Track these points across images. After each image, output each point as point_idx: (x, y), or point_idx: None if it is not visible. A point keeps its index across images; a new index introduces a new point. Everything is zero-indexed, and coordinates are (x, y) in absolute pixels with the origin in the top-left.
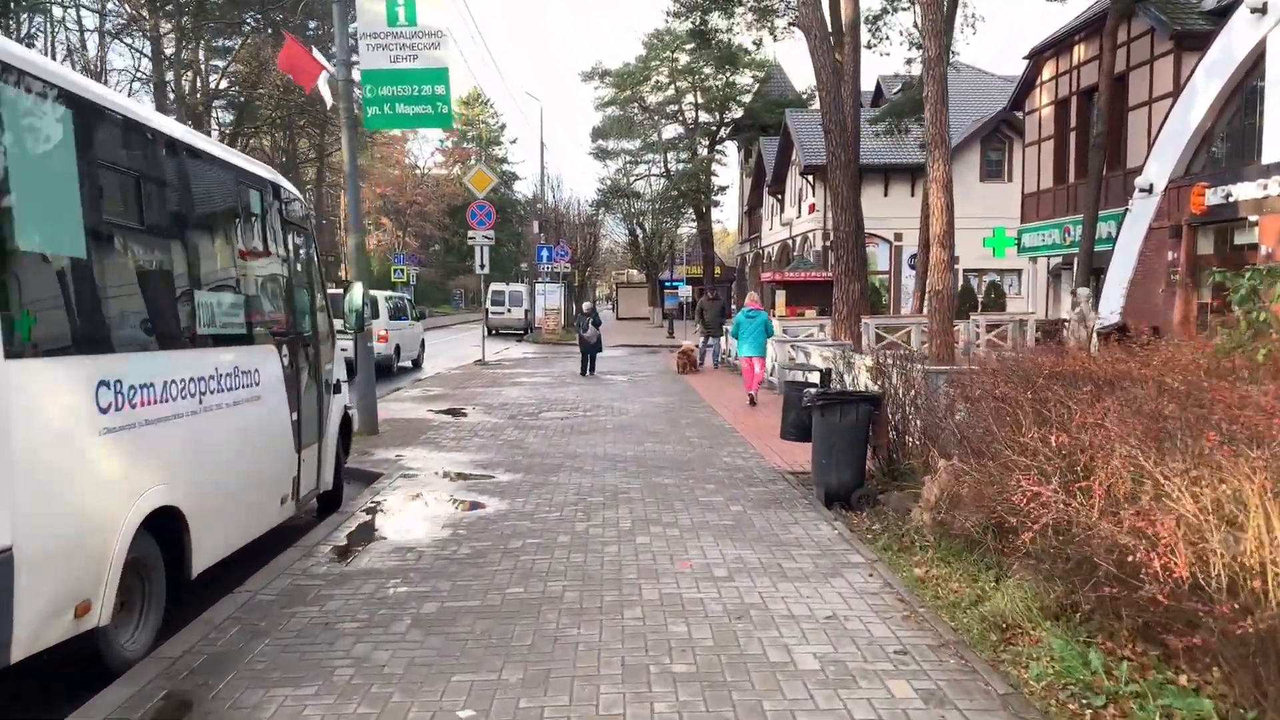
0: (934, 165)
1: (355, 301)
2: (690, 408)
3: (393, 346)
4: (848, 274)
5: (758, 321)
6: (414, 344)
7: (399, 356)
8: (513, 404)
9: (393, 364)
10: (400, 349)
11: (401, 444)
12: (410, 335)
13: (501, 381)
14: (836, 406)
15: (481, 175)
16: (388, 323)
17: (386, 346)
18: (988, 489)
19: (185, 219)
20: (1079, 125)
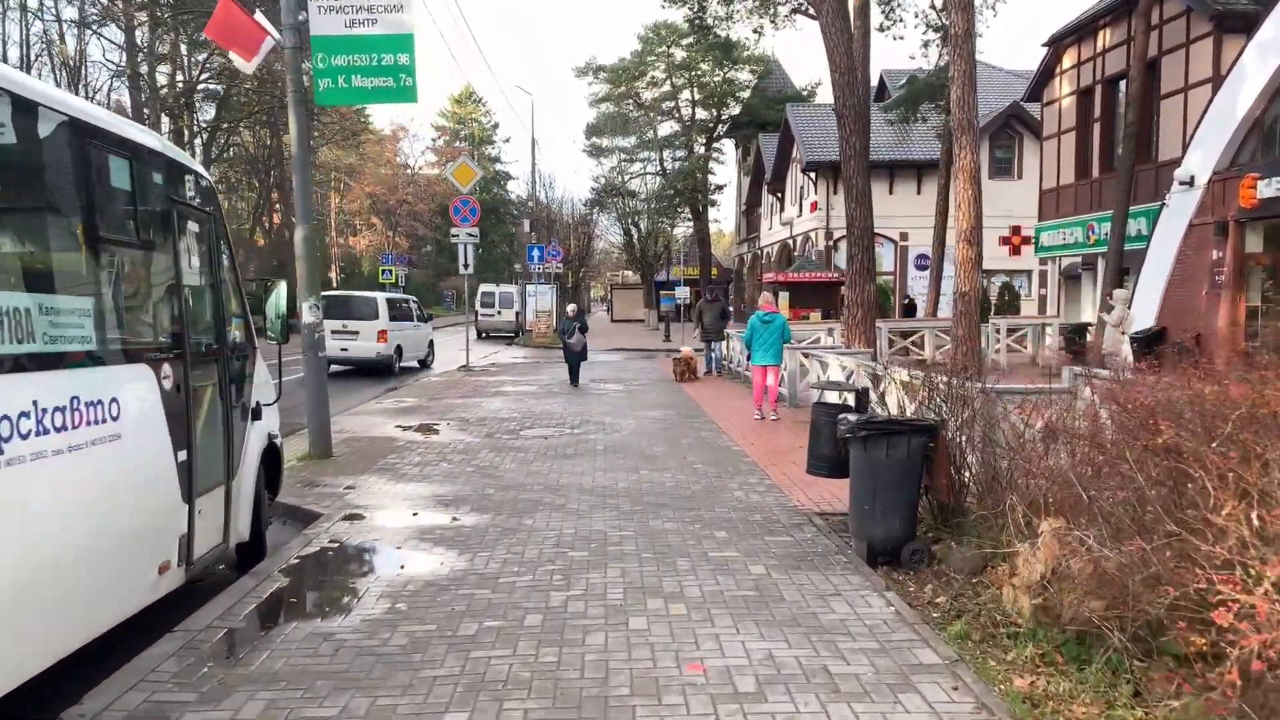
0: (960, 153)
1: (279, 304)
2: (691, 424)
3: (393, 347)
4: (862, 273)
5: (775, 326)
6: (420, 345)
7: (400, 357)
8: (492, 418)
9: (393, 364)
10: (402, 349)
11: (356, 471)
12: (415, 336)
13: (484, 391)
14: (884, 438)
15: (465, 168)
16: (388, 323)
17: (386, 347)
18: (1135, 575)
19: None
20: (1103, 116)
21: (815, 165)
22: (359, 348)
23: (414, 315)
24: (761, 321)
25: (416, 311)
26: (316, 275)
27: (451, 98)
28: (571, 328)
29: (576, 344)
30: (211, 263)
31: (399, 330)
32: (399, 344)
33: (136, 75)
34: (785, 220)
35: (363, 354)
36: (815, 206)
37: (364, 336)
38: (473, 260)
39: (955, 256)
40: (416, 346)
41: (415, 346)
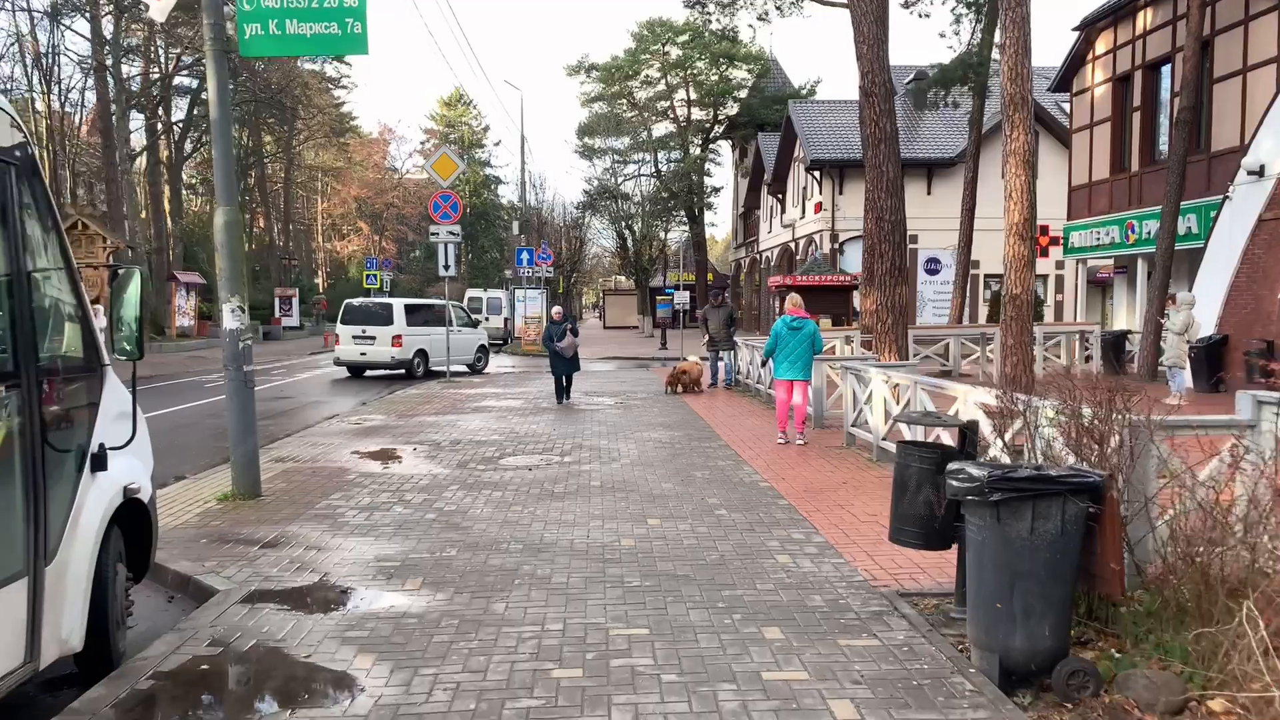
0: (1013, 134)
1: (129, 304)
2: (703, 449)
3: (411, 352)
4: (892, 274)
5: (805, 334)
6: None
7: (425, 361)
8: (468, 442)
9: (414, 369)
10: (427, 354)
11: (285, 518)
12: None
13: (463, 405)
14: (1026, 503)
15: (446, 160)
16: (403, 328)
17: (402, 351)
18: None
19: None
20: (1144, 104)
21: (820, 164)
22: (375, 352)
23: (450, 320)
24: (789, 328)
25: (458, 316)
26: (241, 270)
27: (440, 100)
28: (560, 331)
29: (568, 348)
30: (16, 241)
31: (422, 335)
32: (421, 349)
33: (103, 68)
34: (786, 222)
35: (378, 359)
36: (820, 207)
37: (380, 342)
38: (454, 261)
39: (1004, 255)
40: (458, 350)
41: (456, 350)
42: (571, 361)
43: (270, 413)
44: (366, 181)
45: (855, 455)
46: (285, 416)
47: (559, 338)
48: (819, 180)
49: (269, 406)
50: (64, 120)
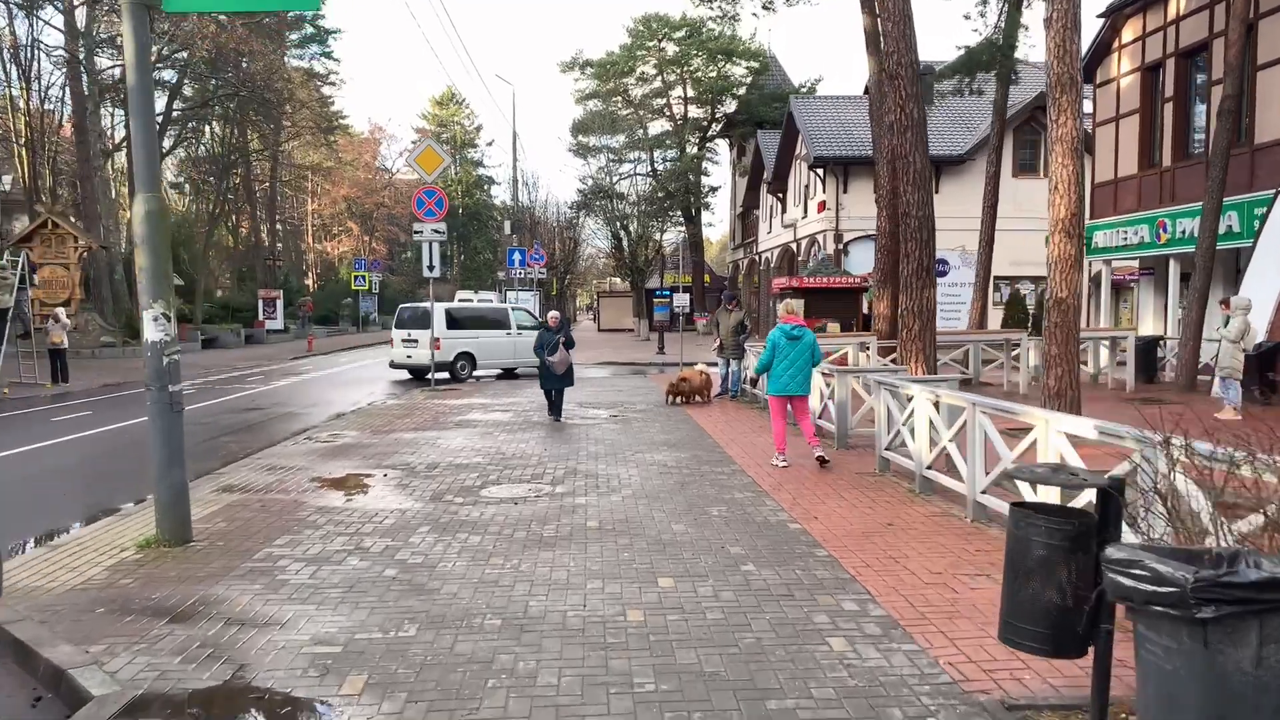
0: (1059, 119)
1: None
2: (715, 476)
3: (451, 355)
4: (919, 275)
5: (806, 343)
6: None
7: (473, 365)
8: (446, 465)
9: (458, 372)
10: (474, 357)
11: (213, 575)
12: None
13: (444, 420)
14: (1252, 620)
15: (431, 154)
16: (443, 331)
17: (442, 354)
18: None
19: None
20: (1178, 94)
21: (823, 161)
22: (419, 355)
23: (510, 324)
24: (788, 337)
25: (522, 319)
26: (166, 269)
27: (432, 99)
28: (553, 342)
29: (560, 363)
30: None
31: (466, 339)
32: (465, 351)
33: (76, 61)
34: (788, 222)
35: (421, 361)
36: (823, 206)
37: (422, 345)
38: (439, 262)
39: (1048, 254)
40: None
41: (518, 353)
42: (564, 376)
43: (235, 426)
44: (356, 181)
45: (893, 485)
46: (251, 431)
47: (551, 349)
48: (822, 178)
49: (236, 419)
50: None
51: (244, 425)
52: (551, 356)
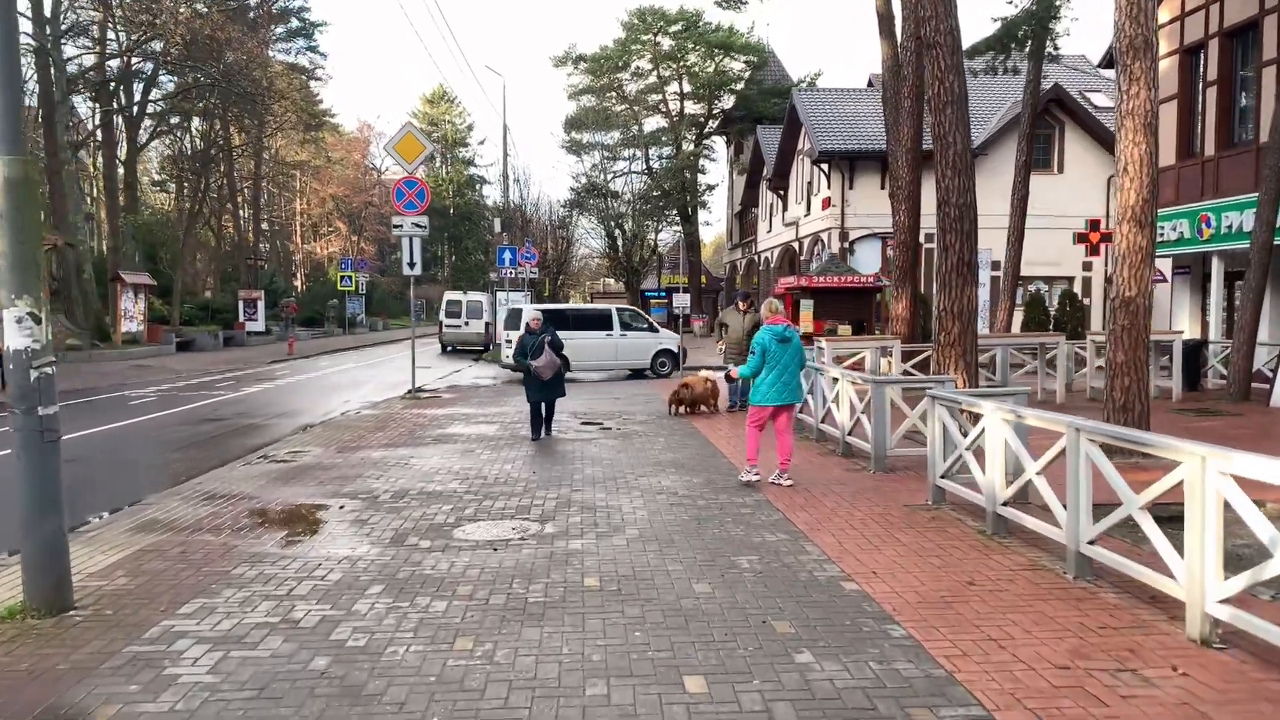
0: (1130, 89)
1: None
2: (736, 508)
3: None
4: (960, 271)
5: (795, 346)
6: (637, 353)
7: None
8: (416, 493)
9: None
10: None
11: (80, 667)
12: (597, 346)
13: (420, 435)
14: None
15: (411, 140)
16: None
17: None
18: None
19: None
20: (1222, 77)
21: (829, 155)
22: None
23: (613, 324)
24: (779, 340)
25: (631, 320)
26: (34, 256)
27: (423, 97)
28: (538, 343)
29: (546, 367)
30: None
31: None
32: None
33: (45, 51)
34: (789, 220)
35: (509, 361)
36: (828, 203)
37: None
38: (420, 258)
39: (1116, 246)
40: (626, 355)
41: (622, 355)
42: (552, 384)
43: (187, 441)
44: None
45: (955, 523)
46: (203, 447)
47: (535, 353)
48: (827, 173)
49: (190, 432)
50: None
51: (197, 440)
52: (536, 361)
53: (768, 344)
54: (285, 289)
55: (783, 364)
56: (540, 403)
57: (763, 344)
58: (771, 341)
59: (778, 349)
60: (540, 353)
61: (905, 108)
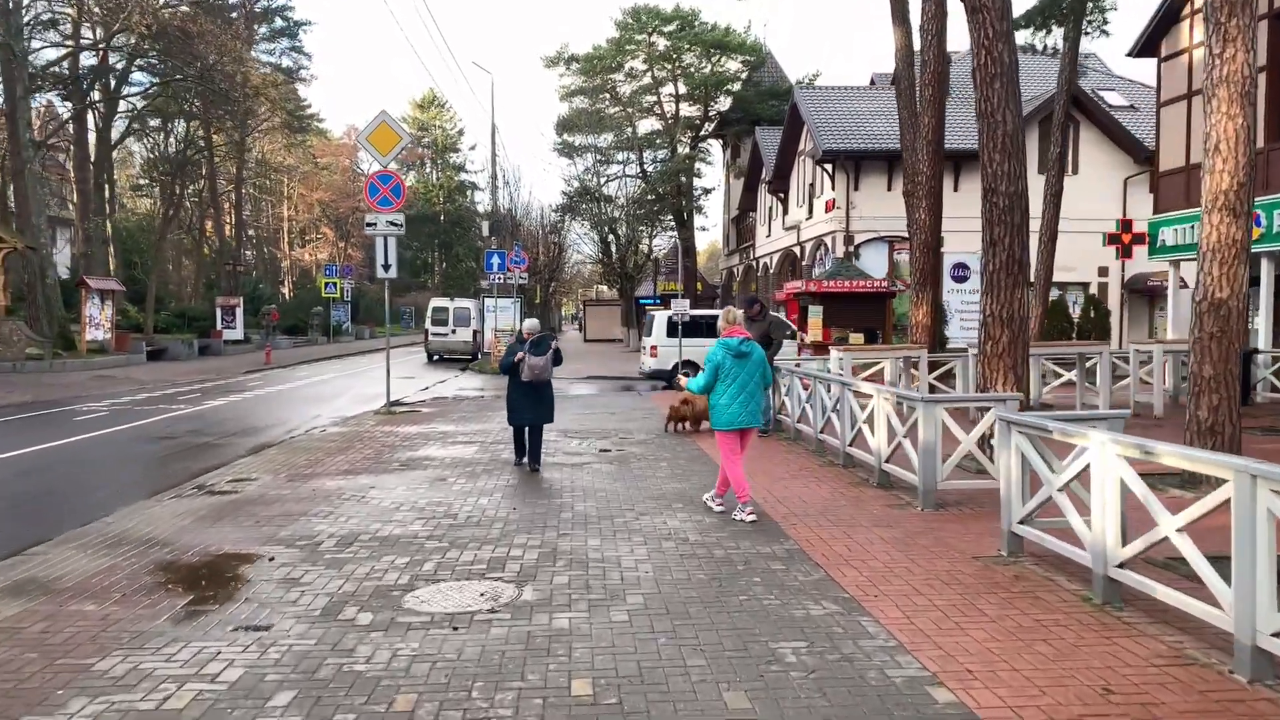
0: (1224, 52)
1: None
2: (766, 565)
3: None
4: (1009, 270)
5: (756, 361)
6: None
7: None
8: (368, 539)
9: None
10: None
11: None
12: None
13: (387, 459)
14: None
15: (386, 131)
16: (661, 340)
17: (659, 362)
18: None
19: None
20: (1272, 61)
21: (833, 155)
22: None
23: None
24: (736, 354)
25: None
26: None
27: (412, 102)
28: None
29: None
30: None
31: (692, 347)
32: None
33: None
34: (790, 224)
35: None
36: (832, 205)
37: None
38: (395, 259)
39: (1203, 239)
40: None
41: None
42: (539, 408)
43: (124, 464)
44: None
45: (1048, 585)
46: (139, 473)
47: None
48: (831, 174)
49: (133, 453)
50: None
51: (135, 463)
52: (534, 371)
53: (721, 360)
54: (270, 296)
55: (740, 381)
56: (525, 426)
57: (714, 359)
58: (726, 356)
59: (734, 365)
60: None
61: (926, 95)
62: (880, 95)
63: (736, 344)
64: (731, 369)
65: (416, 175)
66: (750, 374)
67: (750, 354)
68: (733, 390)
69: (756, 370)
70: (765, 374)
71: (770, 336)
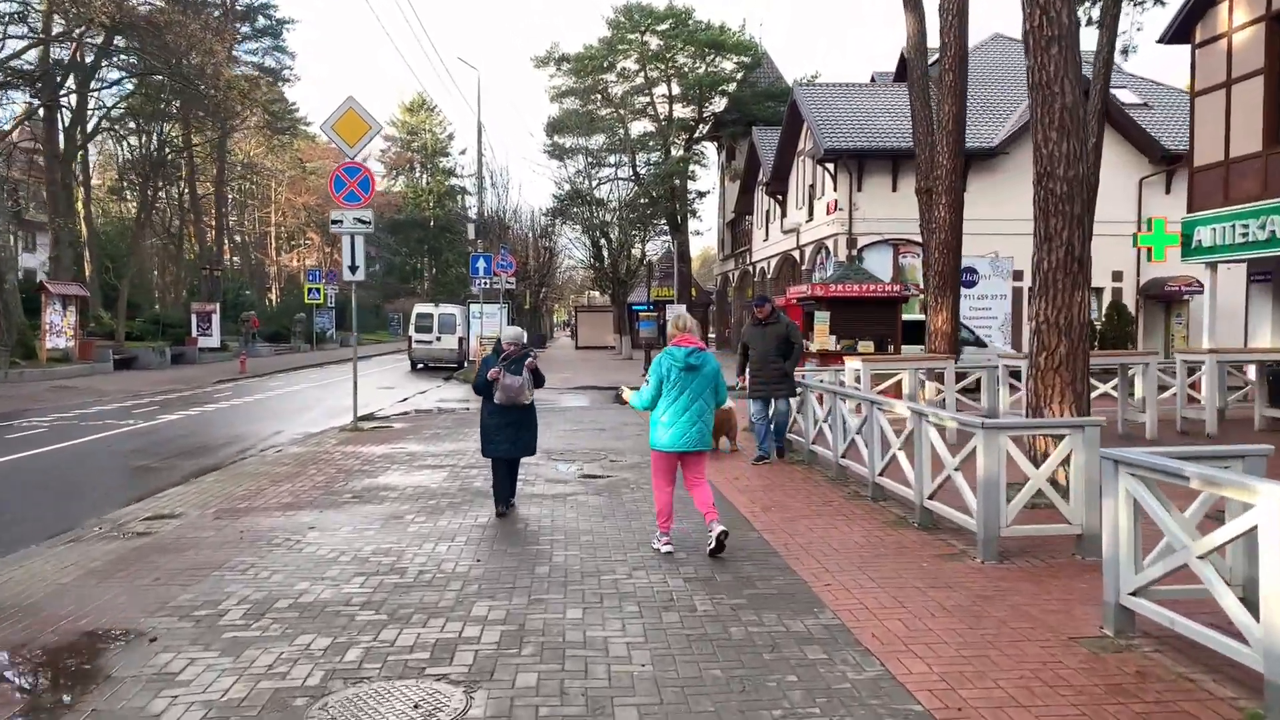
0: None
1: None
2: (798, 650)
3: None
4: (1067, 268)
5: (706, 375)
6: None
7: None
8: (283, 611)
9: None
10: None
11: None
12: None
13: (339, 489)
14: None
15: (353, 119)
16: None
17: None
18: None
19: None
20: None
21: (835, 153)
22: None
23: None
24: (684, 367)
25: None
26: None
27: (402, 105)
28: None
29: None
30: None
31: None
32: None
33: None
34: (789, 227)
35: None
36: (833, 207)
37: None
38: (363, 259)
39: None
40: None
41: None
42: (520, 429)
43: (39, 486)
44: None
45: (1185, 686)
46: (53, 504)
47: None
48: (833, 174)
49: (56, 479)
50: None
51: (54, 490)
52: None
53: (665, 372)
54: (252, 302)
55: (688, 398)
56: (502, 462)
57: (659, 371)
58: (671, 368)
59: (681, 378)
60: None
61: (946, 81)
62: (883, 93)
63: (684, 355)
64: (678, 382)
65: (406, 180)
66: (699, 390)
67: (701, 367)
68: (676, 408)
69: (707, 385)
70: (720, 391)
71: (790, 340)
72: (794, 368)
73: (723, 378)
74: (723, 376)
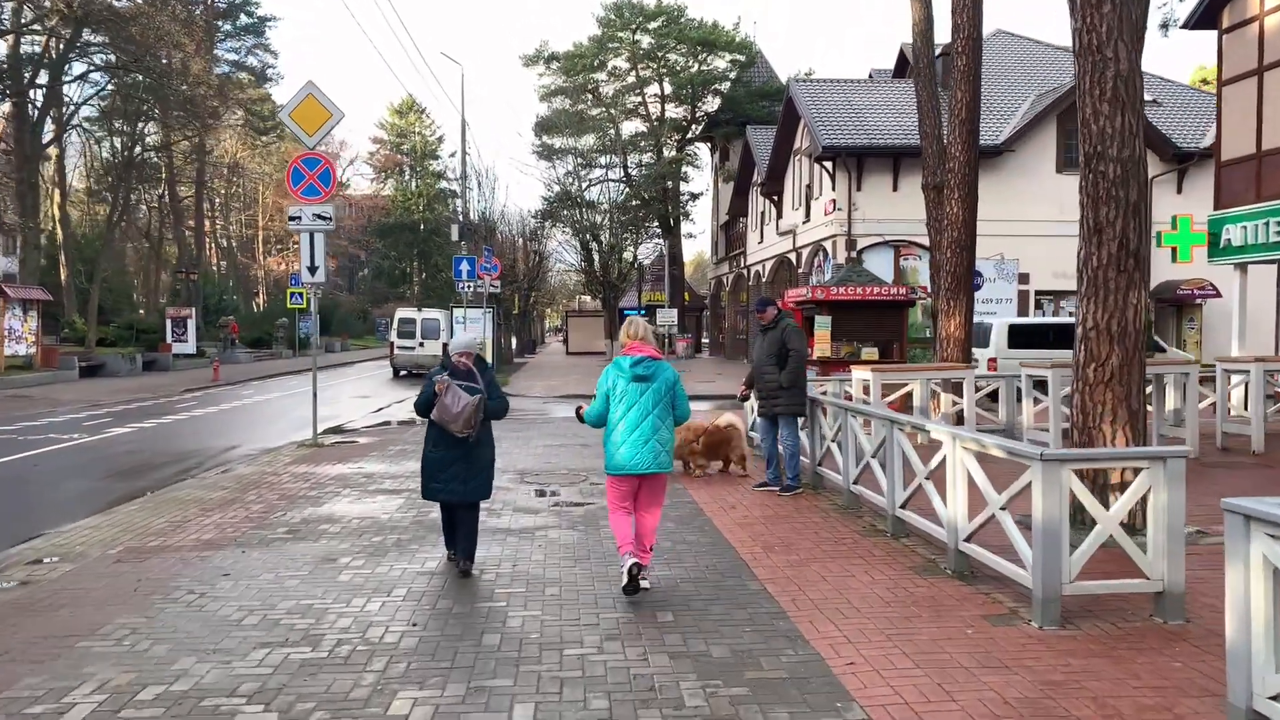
0: None
1: None
2: None
3: None
4: (1120, 266)
5: (660, 385)
6: None
7: None
8: (146, 706)
9: None
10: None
11: None
12: None
13: (274, 521)
14: None
15: (313, 106)
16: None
17: None
18: None
19: None
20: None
21: (834, 151)
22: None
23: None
24: (633, 377)
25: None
26: None
27: (390, 108)
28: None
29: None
30: None
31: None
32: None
33: None
34: (784, 229)
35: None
36: (832, 207)
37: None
38: (324, 260)
39: None
40: None
41: None
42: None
43: None
44: None
45: None
46: None
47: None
48: (831, 173)
49: None
50: None
51: None
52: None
53: (610, 385)
54: (234, 306)
55: (638, 413)
56: (452, 508)
57: (605, 385)
58: (618, 380)
59: (629, 390)
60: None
61: (958, 66)
62: (882, 89)
63: (630, 364)
64: (625, 395)
65: (395, 183)
66: (651, 403)
67: (652, 378)
68: (626, 424)
69: (660, 399)
70: (679, 404)
71: (788, 347)
72: (792, 380)
73: (682, 389)
74: (682, 388)
